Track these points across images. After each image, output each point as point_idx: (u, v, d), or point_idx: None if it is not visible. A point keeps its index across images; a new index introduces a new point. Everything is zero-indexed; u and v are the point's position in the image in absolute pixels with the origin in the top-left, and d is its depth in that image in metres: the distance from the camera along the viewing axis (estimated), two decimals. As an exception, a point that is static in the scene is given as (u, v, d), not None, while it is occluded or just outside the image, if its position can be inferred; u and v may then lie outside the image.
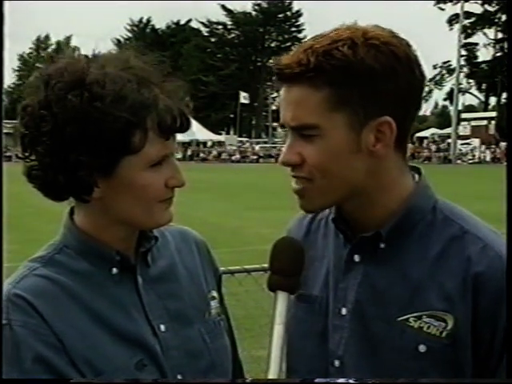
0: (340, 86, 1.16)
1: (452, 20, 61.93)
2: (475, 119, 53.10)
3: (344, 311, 1.27)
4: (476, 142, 48.41)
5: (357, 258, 1.28)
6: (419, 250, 1.23)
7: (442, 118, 73.51)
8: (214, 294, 1.43)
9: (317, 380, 1.23)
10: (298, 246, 1.26)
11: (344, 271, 1.29)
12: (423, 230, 1.25)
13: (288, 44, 66.22)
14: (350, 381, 1.20)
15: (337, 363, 1.27)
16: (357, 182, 1.22)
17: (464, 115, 55.12)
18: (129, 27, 73.46)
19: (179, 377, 1.28)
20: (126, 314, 1.26)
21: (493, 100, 63.88)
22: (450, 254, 1.22)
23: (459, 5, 57.21)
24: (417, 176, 1.30)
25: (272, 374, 1.10)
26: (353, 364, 1.25)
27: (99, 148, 1.16)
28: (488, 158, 45.65)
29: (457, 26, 59.18)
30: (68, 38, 76.71)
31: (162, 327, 1.29)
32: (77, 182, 1.18)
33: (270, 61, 1.30)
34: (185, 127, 1.24)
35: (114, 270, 1.27)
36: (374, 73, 1.15)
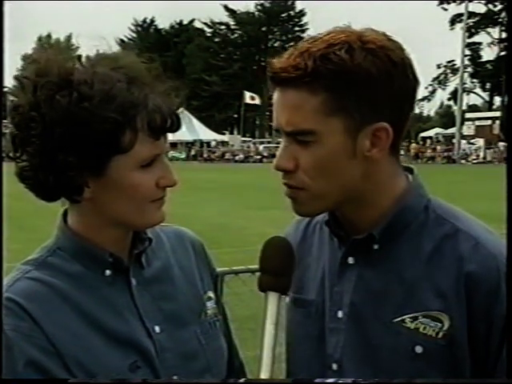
0: (337, 91, 1.14)
1: (454, 20, 61.84)
2: (479, 119, 52.97)
3: (340, 314, 1.26)
4: (480, 141, 48.28)
5: (351, 260, 1.27)
6: (412, 250, 1.23)
7: (446, 117, 73.42)
8: (211, 294, 1.42)
9: (315, 380, 1.22)
10: (288, 245, 1.24)
11: (339, 274, 1.28)
12: (416, 229, 1.24)
13: (291, 43, 64.63)
14: (348, 381, 1.20)
15: (335, 367, 1.26)
16: (351, 187, 1.21)
17: (468, 115, 55.02)
18: (133, 27, 73.72)
19: (174, 378, 1.27)
20: (119, 315, 1.25)
21: (497, 100, 63.86)
22: (442, 253, 1.21)
23: (463, 5, 57.12)
24: (410, 176, 1.29)
25: (264, 375, 1.10)
26: (350, 367, 1.24)
27: (88, 148, 1.15)
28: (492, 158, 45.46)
29: (458, 26, 59.14)
30: (68, 37, 76.75)
31: (157, 329, 1.28)
32: (67, 183, 1.18)
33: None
34: (175, 127, 1.23)
35: (107, 272, 1.26)
36: (371, 78, 1.14)
